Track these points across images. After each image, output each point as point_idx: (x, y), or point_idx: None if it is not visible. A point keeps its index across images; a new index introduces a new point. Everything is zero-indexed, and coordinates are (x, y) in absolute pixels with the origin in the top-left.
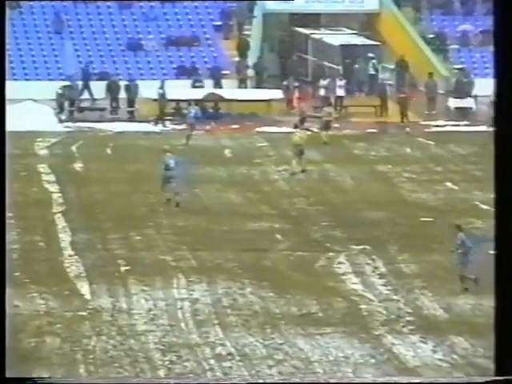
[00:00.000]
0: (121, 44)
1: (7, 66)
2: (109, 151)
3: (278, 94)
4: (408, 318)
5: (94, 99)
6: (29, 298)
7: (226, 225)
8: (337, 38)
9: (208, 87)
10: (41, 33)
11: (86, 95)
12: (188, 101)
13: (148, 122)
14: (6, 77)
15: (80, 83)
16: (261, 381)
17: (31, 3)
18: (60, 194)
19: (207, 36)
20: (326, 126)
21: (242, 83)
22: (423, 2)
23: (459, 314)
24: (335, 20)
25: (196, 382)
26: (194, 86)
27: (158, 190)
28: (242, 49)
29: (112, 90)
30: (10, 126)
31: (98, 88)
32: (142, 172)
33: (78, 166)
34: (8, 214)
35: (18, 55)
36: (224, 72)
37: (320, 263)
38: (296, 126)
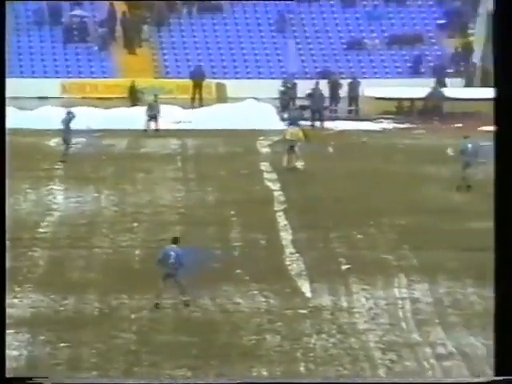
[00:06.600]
0: (343, 43)
1: (230, 65)
2: (330, 150)
3: None
4: None
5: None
6: (250, 295)
7: (447, 224)
8: None
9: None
10: (264, 32)
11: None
12: (410, 99)
13: (371, 120)
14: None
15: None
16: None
17: (254, 2)
18: (281, 192)
19: (431, 35)
20: None
21: (469, 82)
22: None
23: None
24: None
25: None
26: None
27: (380, 190)
28: (466, 48)
29: (334, 88)
30: (233, 124)
31: (321, 86)
32: (365, 170)
33: (299, 164)
34: (231, 212)
35: (241, 54)
36: (448, 71)
37: None
38: None
